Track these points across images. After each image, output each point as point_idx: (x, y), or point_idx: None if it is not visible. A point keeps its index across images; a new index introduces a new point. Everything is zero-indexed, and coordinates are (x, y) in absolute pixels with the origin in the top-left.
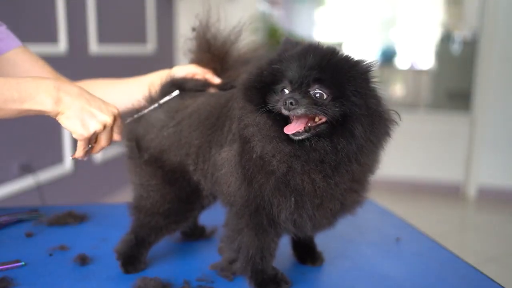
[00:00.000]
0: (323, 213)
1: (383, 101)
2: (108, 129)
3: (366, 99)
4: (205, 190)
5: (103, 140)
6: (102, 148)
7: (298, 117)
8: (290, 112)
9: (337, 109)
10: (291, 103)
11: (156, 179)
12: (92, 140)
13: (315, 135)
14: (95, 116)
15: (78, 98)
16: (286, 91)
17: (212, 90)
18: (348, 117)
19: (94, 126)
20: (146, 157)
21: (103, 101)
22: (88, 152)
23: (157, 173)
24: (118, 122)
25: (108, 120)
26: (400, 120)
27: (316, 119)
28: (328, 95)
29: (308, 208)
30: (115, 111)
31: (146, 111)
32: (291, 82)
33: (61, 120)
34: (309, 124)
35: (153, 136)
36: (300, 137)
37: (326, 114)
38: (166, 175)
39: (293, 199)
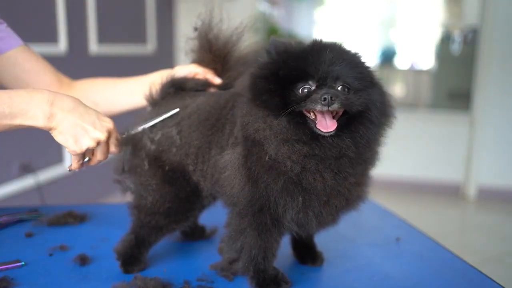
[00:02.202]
0: (329, 210)
1: (385, 87)
2: (102, 144)
3: (377, 88)
4: (205, 191)
5: (99, 154)
6: (99, 162)
7: (323, 114)
8: (330, 107)
9: (360, 101)
10: (331, 98)
11: (156, 178)
12: (89, 153)
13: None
14: (88, 132)
15: (72, 113)
16: (308, 88)
17: (212, 90)
18: (366, 107)
19: (87, 142)
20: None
21: (98, 115)
22: (85, 164)
23: (157, 173)
24: (114, 135)
25: (102, 136)
26: (395, 103)
27: (333, 113)
28: (351, 89)
29: (315, 206)
30: (110, 126)
31: (141, 128)
32: (313, 79)
33: (54, 134)
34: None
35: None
36: (332, 133)
37: (355, 106)
38: (166, 174)
39: (300, 198)
